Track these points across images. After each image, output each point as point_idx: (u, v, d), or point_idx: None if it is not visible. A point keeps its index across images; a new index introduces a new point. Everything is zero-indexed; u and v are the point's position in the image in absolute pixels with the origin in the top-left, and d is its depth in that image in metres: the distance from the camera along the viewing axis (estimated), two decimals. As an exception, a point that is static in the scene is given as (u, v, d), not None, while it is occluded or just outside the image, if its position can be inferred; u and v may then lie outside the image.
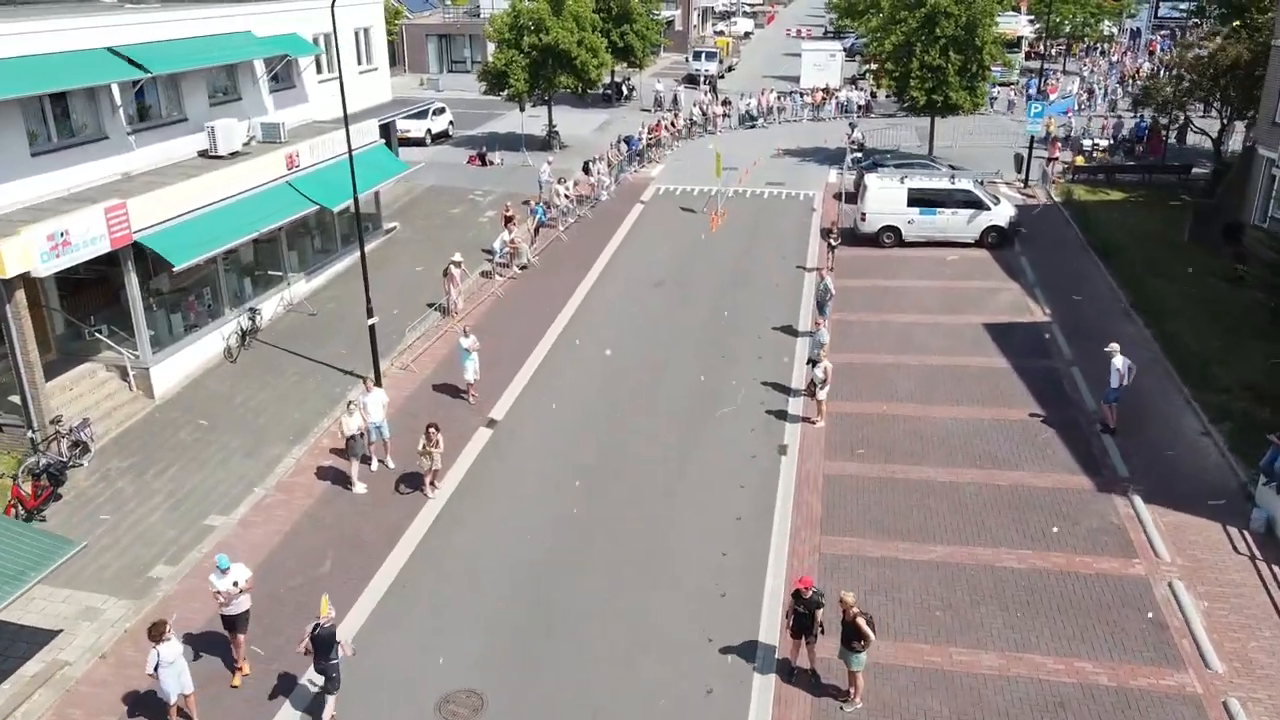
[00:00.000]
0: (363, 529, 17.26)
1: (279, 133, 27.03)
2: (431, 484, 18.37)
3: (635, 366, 23.29)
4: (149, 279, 22.20)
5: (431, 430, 17.87)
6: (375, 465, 19.12)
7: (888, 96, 52.79)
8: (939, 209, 30.17)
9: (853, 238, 31.45)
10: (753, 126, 50.14)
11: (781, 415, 21.12)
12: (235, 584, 13.77)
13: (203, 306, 23.57)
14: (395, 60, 69.94)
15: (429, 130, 45.39)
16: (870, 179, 30.85)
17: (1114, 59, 70.92)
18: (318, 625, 12.61)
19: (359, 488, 18.35)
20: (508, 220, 29.56)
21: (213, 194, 22.70)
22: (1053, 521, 17.13)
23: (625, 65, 55.57)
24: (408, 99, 38.73)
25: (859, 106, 52.81)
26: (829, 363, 20.22)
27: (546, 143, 44.64)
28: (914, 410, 21.04)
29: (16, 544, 13.06)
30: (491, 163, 41.28)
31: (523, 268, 29.26)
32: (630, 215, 34.99)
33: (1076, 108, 52.06)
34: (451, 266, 25.70)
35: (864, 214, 30.58)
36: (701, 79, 63.01)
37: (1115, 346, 19.53)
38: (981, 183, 32.07)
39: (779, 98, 52.54)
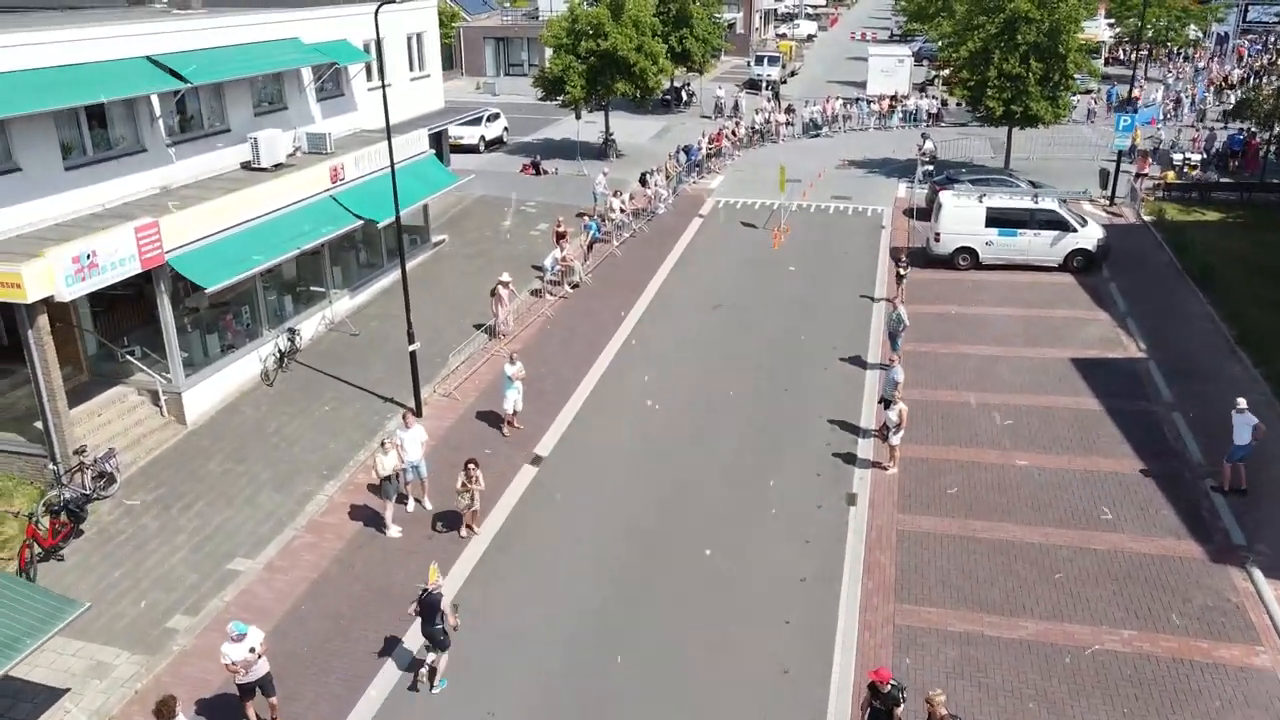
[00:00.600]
0: (394, 577, 15.98)
1: (325, 144, 26.04)
2: (469, 527, 17.07)
3: (691, 400, 21.75)
4: (185, 296, 21.26)
5: (470, 467, 16.58)
6: (412, 506, 17.88)
7: (958, 104, 50.56)
8: (1020, 230, 28.11)
9: (924, 259, 29.52)
10: (817, 135, 48.26)
11: (850, 459, 19.41)
12: (252, 649, 12.57)
13: (240, 325, 22.59)
14: (452, 63, 69.44)
15: (483, 137, 44.38)
16: (945, 196, 28.89)
17: (1200, 65, 67.47)
18: (425, 590, 13.28)
19: (393, 531, 17.11)
20: (560, 236, 28.22)
21: (251, 210, 21.69)
22: (1160, 596, 15.21)
23: (684, 70, 54.05)
24: (460, 106, 37.67)
25: (928, 115, 50.58)
26: (904, 405, 18.46)
27: (603, 151, 43.31)
28: (996, 456, 19.19)
29: (16, 604, 11.98)
30: (545, 172, 40.06)
31: (575, 286, 27.90)
32: (688, 230, 33.45)
33: (1162, 118, 49.24)
34: (499, 287, 24.42)
35: (938, 234, 28.65)
36: (763, 84, 61.18)
37: (1243, 402, 17.48)
38: (1064, 201, 29.91)
39: (845, 105, 50.54)
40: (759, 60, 63.88)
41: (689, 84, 57.46)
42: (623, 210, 31.89)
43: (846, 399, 21.72)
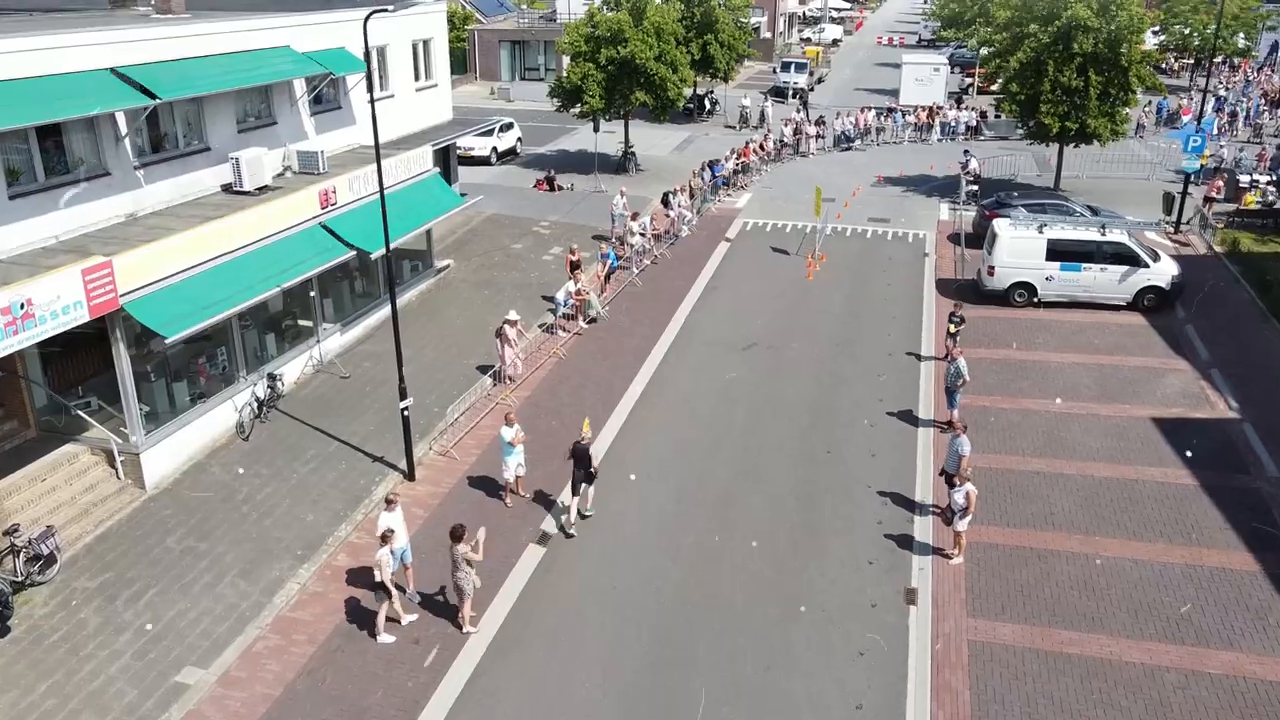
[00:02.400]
0: (372, 698, 13.43)
1: (318, 162, 23.59)
2: (464, 620, 14.52)
3: (721, 462, 19.12)
4: (151, 338, 18.80)
5: (464, 530, 14.11)
6: (411, 591, 15.30)
7: (998, 116, 47.62)
8: (1085, 264, 25.32)
9: (975, 293, 26.78)
10: (849, 148, 45.51)
11: (905, 541, 16.74)
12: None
13: (215, 370, 20.12)
14: (466, 67, 67.10)
15: (494, 149, 41.86)
16: (1001, 226, 26.12)
17: (1251, 75, 64.26)
18: (577, 442, 16.73)
19: (385, 637, 14.52)
20: (574, 267, 25.61)
21: (226, 242, 19.21)
22: (1298, 743, 12.49)
23: (708, 78, 51.41)
24: (469, 119, 35.15)
25: (967, 128, 47.74)
26: (972, 486, 15.76)
27: (621, 164, 40.73)
28: (1079, 543, 16.46)
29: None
30: (561, 188, 37.50)
31: (591, 321, 25.32)
32: (714, 256, 30.80)
33: (1215, 132, 46.22)
34: (505, 326, 21.86)
35: (992, 267, 25.89)
36: (789, 92, 58.48)
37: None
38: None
39: (879, 117, 47.76)
40: (785, 67, 61.17)
41: (712, 92, 54.81)
42: (643, 234, 29.28)
43: (898, 464, 19.03)
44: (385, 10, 17.29)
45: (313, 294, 22.65)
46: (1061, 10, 33.55)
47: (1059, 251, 25.31)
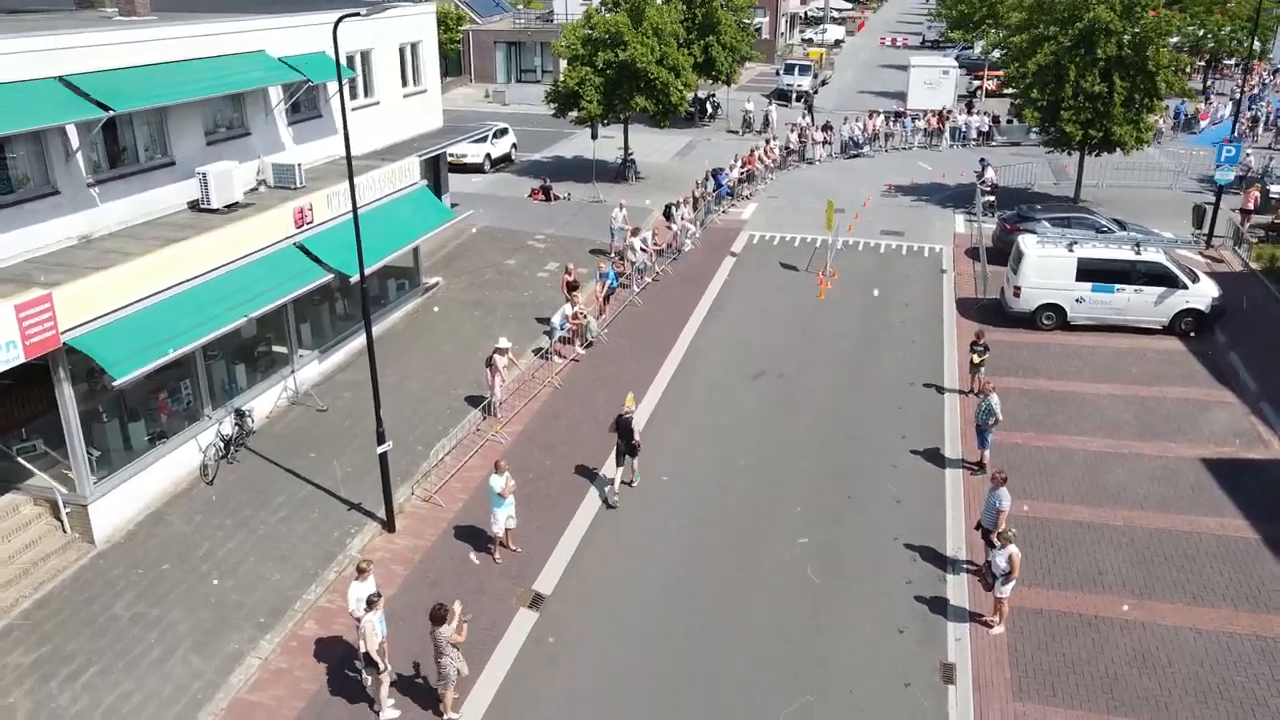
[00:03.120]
0: (338, 802, 11.72)
1: (295, 176, 21.89)
2: (446, 707, 12.82)
3: (729, 511, 17.41)
4: (100, 374, 17.08)
5: (447, 612, 12.40)
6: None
7: (1010, 121, 45.95)
8: (1119, 285, 23.62)
9: (999, 315, 25.11)
10: (857, 155, 43.81)
11: (939, 605, 15.05)
12: None
13: (177, 406, 18.38)
14: (460, 69, 65.35)
15: (488, 155, 40.11)
16: (1027, 244, 24.42)
17: (1266, 78, 62.63)
18: (621, 415, 17.20)
19: (389, 715, 12.86)
20: (571, 288, 23.88)
21: (186, 268, 17.46)
22: None
23: (709, 81, 49.69)
24: (460, 126, 33.39)
25: (979, 134, 46.05)
26: (1015, 549, 14.04)
27: (621, 172, 39.01)
28: (1133, 609, 14.76)
29: None
30: (557, 198, 35.77)
31: (588, 345, 23.61)
32: (719, 272, 29.08)
33: (1236, 137, 44.56)
34: (495, 355, 20.14)
35: (1018, 288, 24.20)
36: (793, 95, 56.79)
37: None
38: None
39: (887, 121, 46.07)
40: (789, 69, 59.48)
41: (714, 95, 53.09)
42: (644, 250, 27.55)
43: (925, 513, 17.32)
44: (357, 14, 15.49)
45: (288, 319, 20.93)
46: (1083, 12, 31.90)
47: (1090, 271, 23.62)
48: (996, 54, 51.77)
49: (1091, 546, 16.21)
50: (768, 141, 40.25)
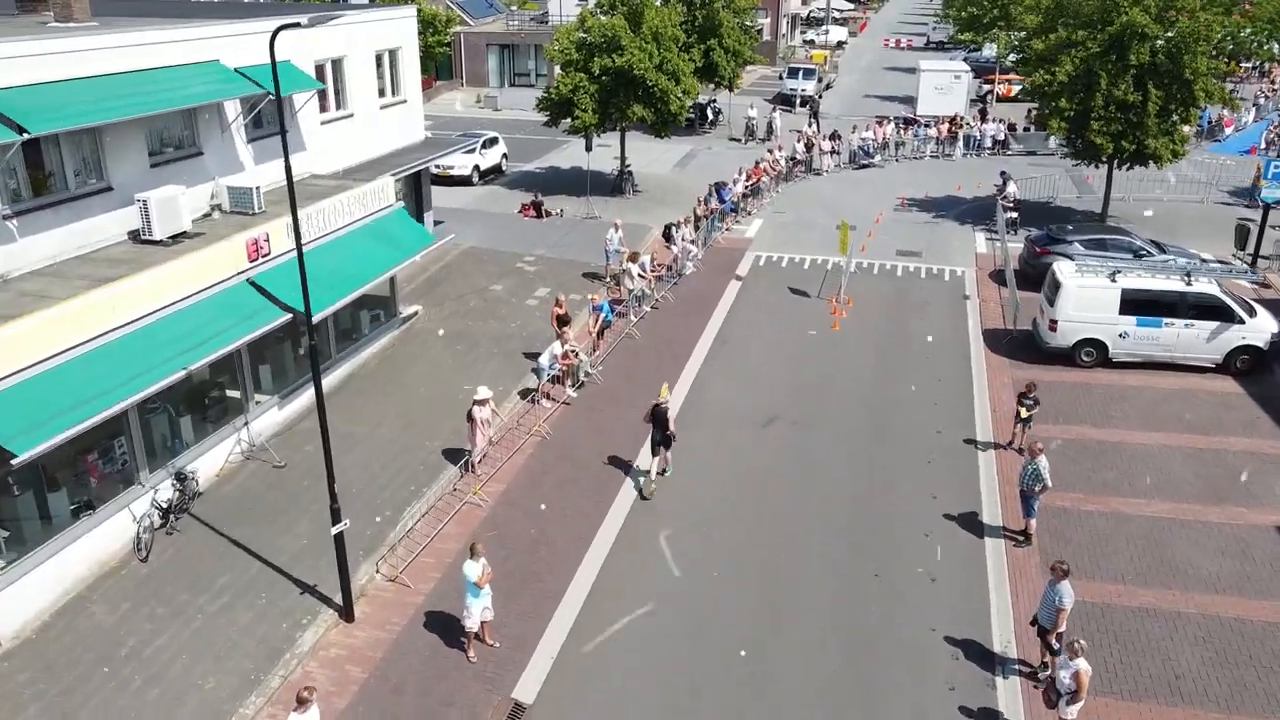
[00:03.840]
0: None
1: (253, 200, 19.69)
2: None
3: (740, 596, 15.14)
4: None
5: None
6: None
7: (1027, 129, 43.75)
8: (1167, 319, 21.39)
9: (1031, 349, 22.90)
10: (866, 165, 41.53)
11: (988, 718, 12.79)
12: None
13: (110, 468, 16.09)
14: (452, 73, 63.10)
15: (476, 167, 37.83)
16: (1065, 272, 22.16)
17: (1288, 83, 60.42)
18: (656, 405, 17.39)
19: None
20: (561, 323, 21.60)
21: (116, 313, 15.18)
22: None
23: (711, 86, 47.45)
24: (444, 139, 31.12)
25: (994, 141, 43.80)
26: (1085, 664, 11.76)
27: (617, 185, 36.74)
28: (1217, 725, 12.54)
29: None
30: (549, 213, 33.49)
31: (580, 385, 21.35)
32: (723, 299, 26.79)
33: (1263, 145, 42.38)
34: (475, 408, 17.87)
35: (1054, 321, 21.95)
36: (797, 100, 54.57)
37: None
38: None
39: (898, 129, 43.81)
40: (792, 73, 57.35)
41: (715, 101, 50.81)
42: (642, 276, 25.26)
43: (967, 596, 15.06)
44: (297, 25, 13.23)
45: (243, 361, 18.63)
46: (1115, 16, 29.66)
47: (1135, 303, 21.38)
48: (1011, 58, 49.80)
49: (1163, 641, 13.95)
50: (772, 152, 37.95)
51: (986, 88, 57.40)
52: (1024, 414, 18.08)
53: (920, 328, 24.78)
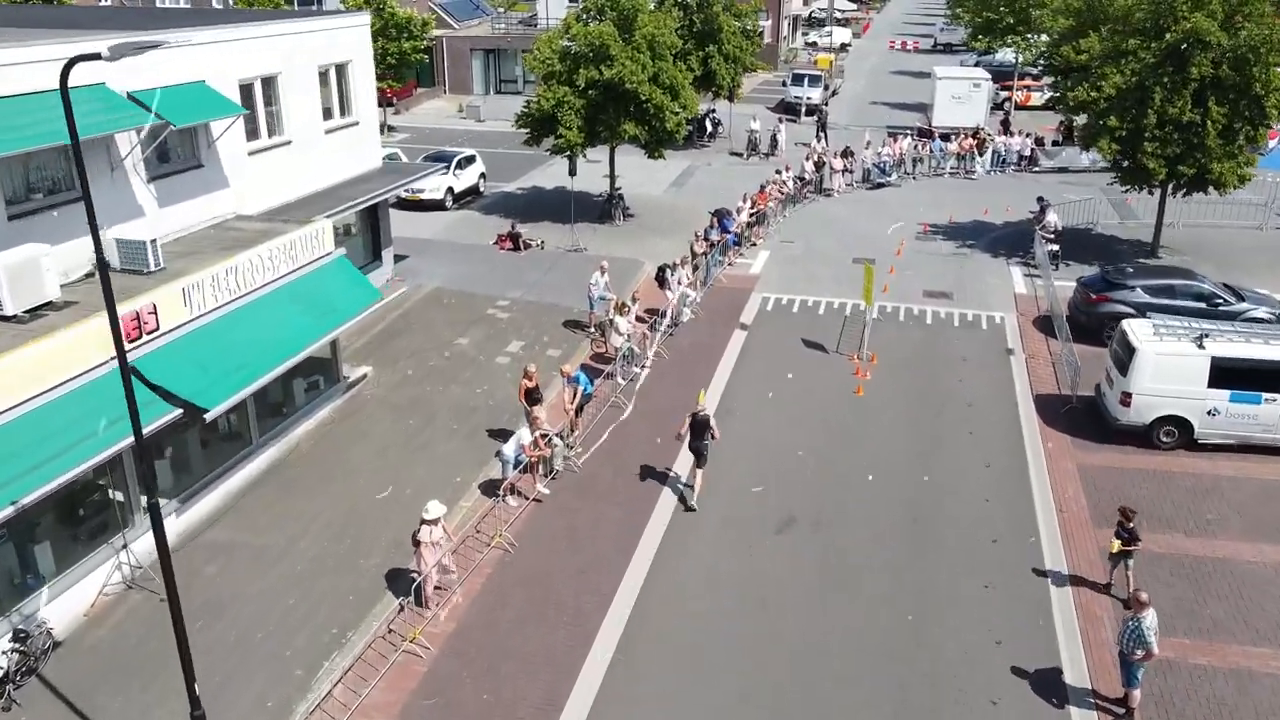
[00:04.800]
0: None
1: (147, 256, 15.91)
2: None
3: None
4: None
5: None
6: None
7: (1055, 143, 40.04)
8: (1266, 394, 17.66)
9: (1095, 420, 19.19)
10: (882, 184, 37.77)
11: None
12: None
13: (-68, 622, 12.35)
14: (434, 79, 59.35)
15: (450, 190, 34.02)
16: (1139, 334, 18.39)
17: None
18: (694, 414, 16.49)
19: None
20: (530, 399, 17.82)
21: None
22: None
23: (709, 95, 43.72)
24: (406, 166, 27.31)
25: (1020, 158, 40.05)
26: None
27: (606, 210, 32.96)
28: None
29: None
30: (529, 245, 29.68)
31: (554, 476, 17.61)
32: (726, 355, 23.00)
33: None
34: (424, 528, 14.10)
35: (1128, 394, 18.20)
36: (802, 109, 50.79)
37: None
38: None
39: (916, 144, 40.05)
40: (796, 79, 53.50)
41: (714, 111, 47.03)
42: (630, 334, 21.47)
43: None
44: (96, 57, 9.45)
45: (123, 459, 14.85)
46: (1173, 22, 25.95)
47: (1229, 374, 17.65)
48: (1037, 66, 46.17)
49: None
50: (780, 173, 34.16)
51: (1004, 95, 53.63)
52: (1116, 549, 14.19)
53: (958, 392, 21.03)
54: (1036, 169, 39.84)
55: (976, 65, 61.36)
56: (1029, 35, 52.06)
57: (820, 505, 16.96)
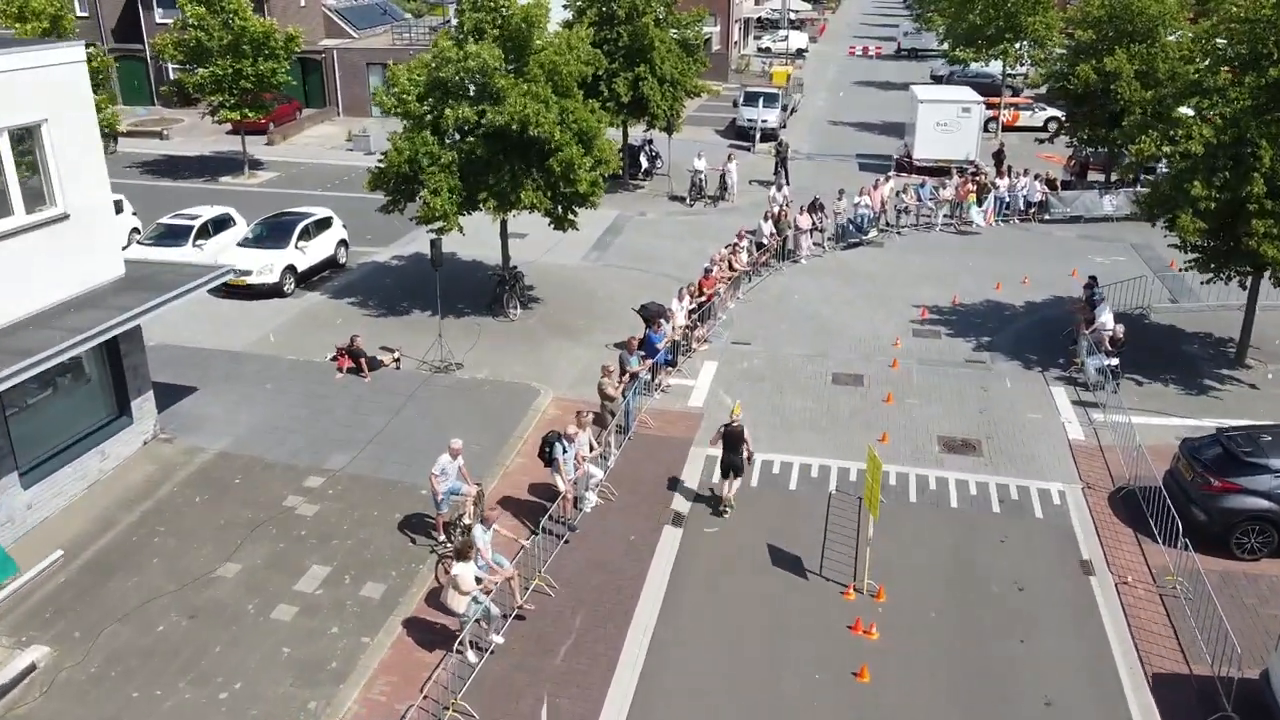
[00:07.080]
0: None
1: None
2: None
3: None
4: None
5: None
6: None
7: (1070, 180, 32.15)
8: None
9: (1256, 708, 11.23)
10: (857, 243, 29.72)
11: None
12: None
13: None
14: (325, 100, 50.43)
15: (291, 269, 25.19)
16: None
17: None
18: (727, 425, 15.51)
19: None
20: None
21: None
22: None
23: (643, 124, 35.43)
24: (161, 279, 18.09)
25: (1028, 205, 32.23)
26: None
27: (496, 296, 24.35)
28: None
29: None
30: (377, 364, 20.89)
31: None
32: (646, 588, 14.45)
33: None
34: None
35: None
36: (756, 136, 42.57)
37: None
38: None
39: (898, 192, 32.03)
40: (749, 99, 45.12)
41: (651, 142, 38.58)
42: (492, 576, 12.97)
43: None
44: None
45: None
46: (1276, 47, 18.25)
47: None
48: (1045, 86, 38.82)
49: None
50: (732, 247, 25.69)
51: (988, 114, 45.87)
52: None
53: (1021, 666, 12.87)
54: (1047, 217, 32.08)
55: (951, 76, 53.88)
56: (1018, 44, 44.60)
57: None
